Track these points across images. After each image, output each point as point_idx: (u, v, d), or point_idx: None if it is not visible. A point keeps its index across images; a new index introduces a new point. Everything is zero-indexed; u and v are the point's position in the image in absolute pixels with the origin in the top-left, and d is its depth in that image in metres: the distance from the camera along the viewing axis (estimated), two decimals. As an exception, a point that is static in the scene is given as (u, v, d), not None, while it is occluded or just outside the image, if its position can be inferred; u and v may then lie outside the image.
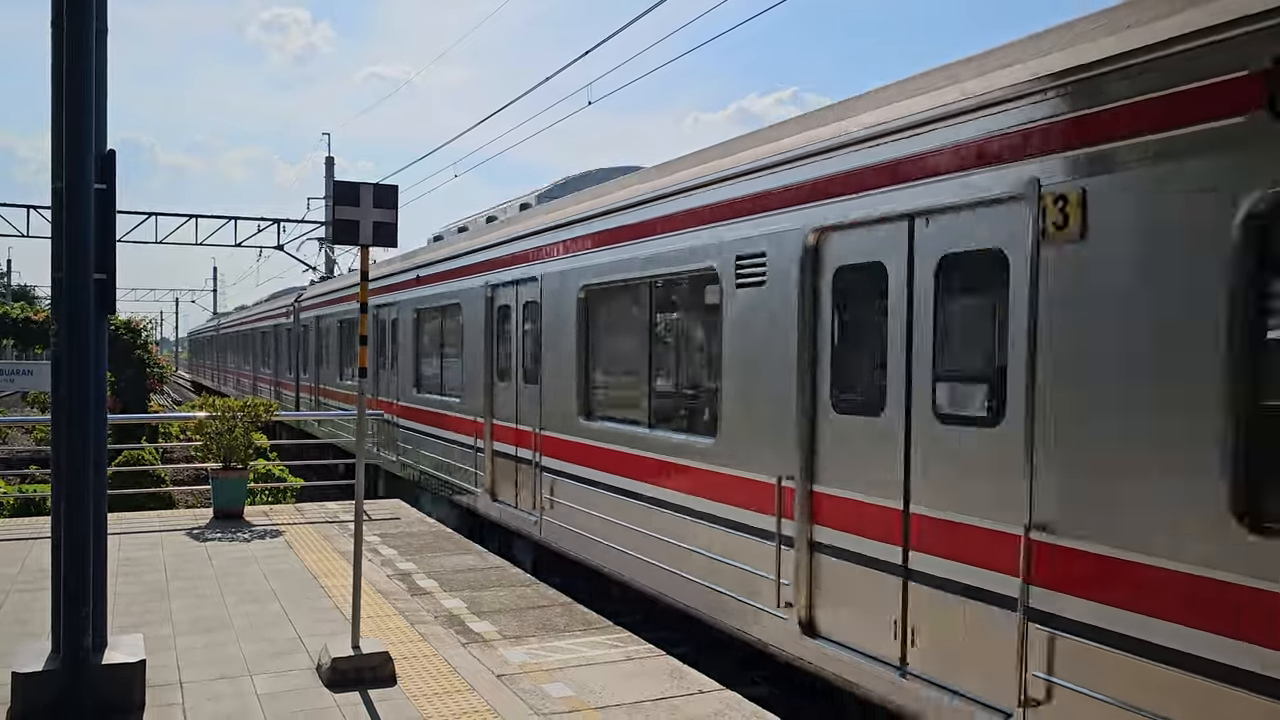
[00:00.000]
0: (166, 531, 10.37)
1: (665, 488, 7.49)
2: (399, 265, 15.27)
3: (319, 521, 11.08)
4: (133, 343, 20.98)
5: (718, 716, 5.37)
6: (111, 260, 5.27)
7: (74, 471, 5.05)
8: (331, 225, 5.21)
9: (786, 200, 6.15)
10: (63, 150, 4.94)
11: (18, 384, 13.58)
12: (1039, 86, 4.51)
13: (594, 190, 9.41)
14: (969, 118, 4.89)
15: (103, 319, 5.29)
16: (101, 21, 5.09)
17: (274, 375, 28.66)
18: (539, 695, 5.64)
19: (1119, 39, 4.21)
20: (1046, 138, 4.49)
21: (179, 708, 5.38)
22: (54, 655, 5.17)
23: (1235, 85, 3.76)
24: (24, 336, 22.02)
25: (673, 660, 6.33)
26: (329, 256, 34.85)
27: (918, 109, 5.23)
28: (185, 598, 7.66)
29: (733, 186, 6.68)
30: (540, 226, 9.93)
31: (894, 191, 5.33)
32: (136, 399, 20.67)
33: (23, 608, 7.26)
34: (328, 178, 37.58)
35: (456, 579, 8.43)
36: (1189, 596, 3.88)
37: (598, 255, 8.63)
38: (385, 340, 15.74)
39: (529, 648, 6.52)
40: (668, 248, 7.46)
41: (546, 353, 9.63)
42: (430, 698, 5.58)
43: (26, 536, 9.90)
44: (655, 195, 7.68)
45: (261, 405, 12.02)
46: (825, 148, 5.85)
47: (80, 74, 4.92)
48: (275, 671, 5.98)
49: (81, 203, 4.97)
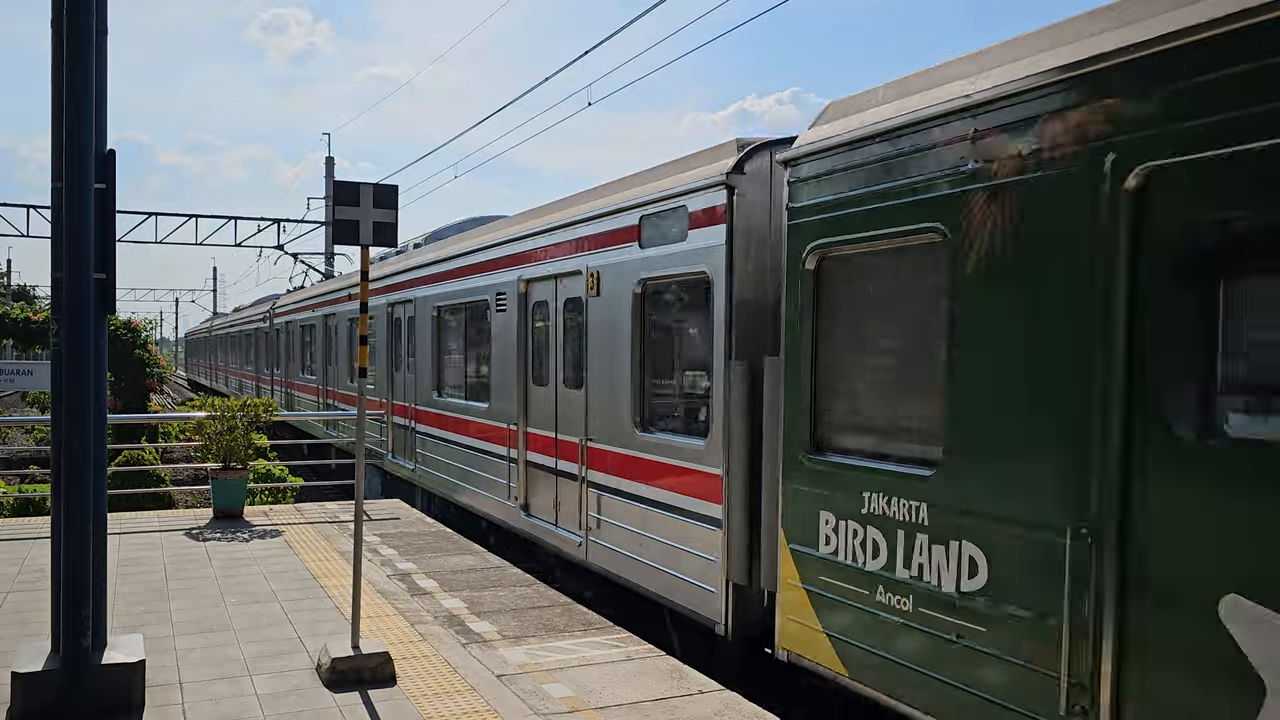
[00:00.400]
0: (166, 532, 10.37)
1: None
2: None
3: (319, 521, 11.08)
4: (133, 342, 20.99)
5: (717, 716, 5.37)
6: (111, 260, 5.27)
7: (74, 471, 5.05)
8: (332, 225, 5.20)
9: (511, 262, 10.53)
10: (63, 150, 4.94)
11: (18, 384, 13.57)
12: (587, 215, 8.73)
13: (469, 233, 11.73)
14: (567, 231, 9.14)
15: (103, 319, 5.29)
16: (101, 22, 5.09)
17: (255, 372, 32.49)
18: (539, 695, 5.64)
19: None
20: (581, 245, 8.84)
21: (178, 708, 5.37)
22: (54, 655, 5.18)
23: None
24: (24, 336, 22.04)
25: (673, 660, 6.33)
26: (328, 257, 34.87)
27: (556, 221, 9.41)
28: (185, 598, 7.66)
29: (491, 251, 11.17)
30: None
31: (548, 263, 9.56)
32: (136, 399, 20.68)
33: (22, 608, 7.26)
34: (328, 178, 37.62)
35: (456, 579, 8.43)
36: (628, 464, 7.96)
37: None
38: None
39: (529, 648, 6.52)
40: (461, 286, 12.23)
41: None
42: (430, 698, 5.58)
43: (26, 536, 9.90)
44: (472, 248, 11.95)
45: (261, 405, 12.01)
46: (526, 232, 10.11)
47: (80, 74, 4.92)
48: (275, 672, 5.98)
49: (81, 202, 4.97)
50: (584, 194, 9.48)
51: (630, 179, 8.53)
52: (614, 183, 8.90)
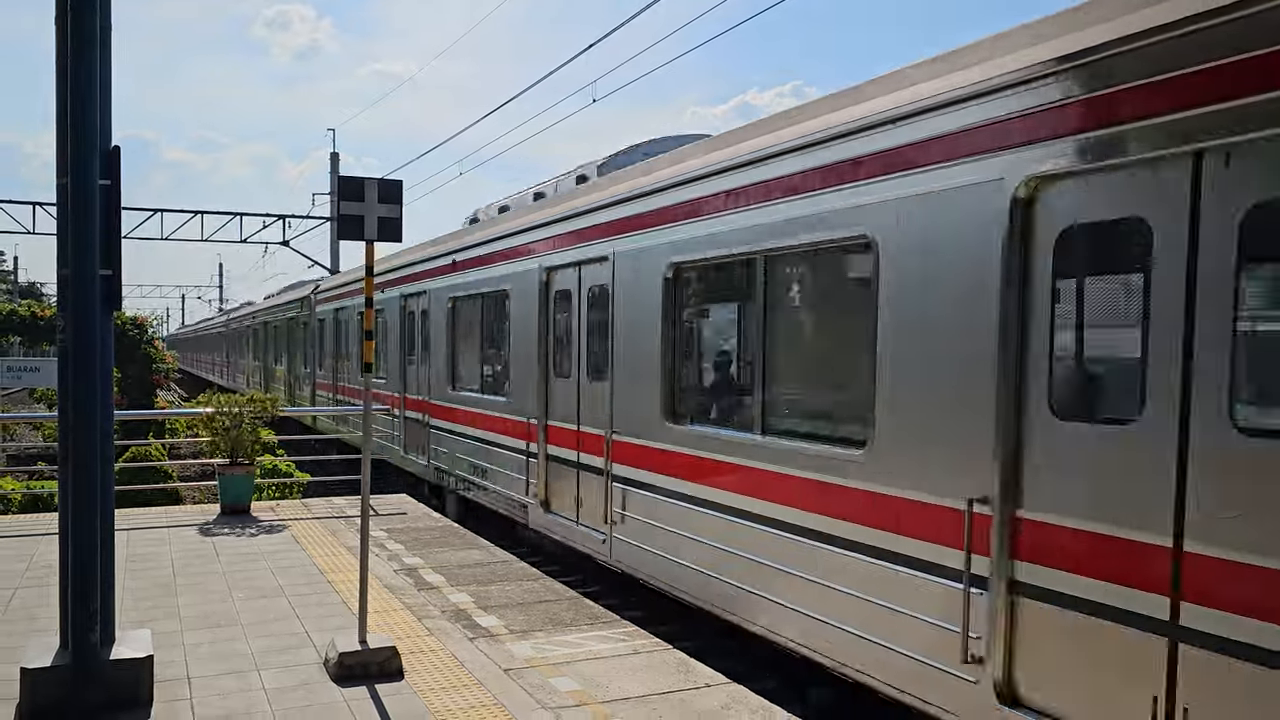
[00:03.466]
0: (174, 527, 10.40)
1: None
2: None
3: (325, 517, 11.10)
4: (139, 339, 21.04)
5: (725, 710, 5.38)
6: (117, 256, 5.26)
7: (81, 467, 5.06)
8: (337, 221, 5.18)
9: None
10: (68, 147, 4.95)
11: (25, 380, 13.66)
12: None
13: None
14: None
15: (109, 315, 5.29)
16: (105, 19, 5.08)
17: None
18: (546, 689, 5.65)
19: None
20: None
21: (186, 703, 5.39)
22: (62, 651, 5.19)
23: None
24: (31, 333, 22.10)
25: (680, 654, 6.33)
26: (333, 252, 34.88)
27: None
28: (192, 593, 7.68)
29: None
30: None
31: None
32: (142, 395, 20.74)
33: (31, 603, 7.29)
34: (333, 173, 37.61)
35: (463, 573, 8.45)
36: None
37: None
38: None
39: (536, 642, 6.53)
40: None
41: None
42: (437, 692, 5.59)
43: (34, 533, 9.94)
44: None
45: (269, 401, 12.03)
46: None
47: (84, 71, 4.92)
48: (282, 666, 6.00)
49: (87, 199, 4.97)
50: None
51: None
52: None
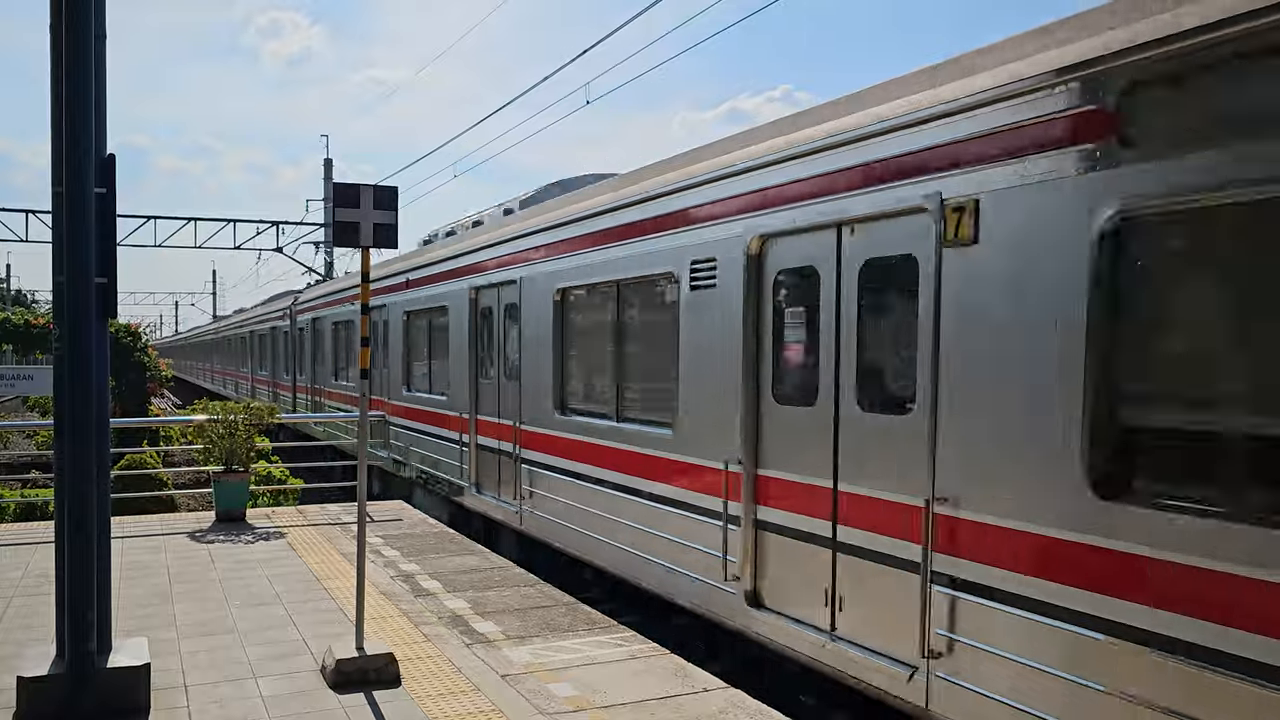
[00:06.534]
0: (169, 535, 10.37)
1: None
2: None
3: (321, 523, 11.08)
4: (133, 346, 20.97)
5: (722, 715, 5.38)
6: (112, 264, 5.26)
7: (77, 475, 5.05)
8: (332, 227, 5.14)
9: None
10: (63, 155, 4.93)
11: (19, 388, 13.62)
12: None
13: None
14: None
15: (104, 323, 5.29)
16: (100, 26, 5.09)
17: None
18: (544, 695, 5.64)
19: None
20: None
21: (184, 711, 5.38)
22: (58, 659, 5.18)
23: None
24: (24, 341, 21.99)
25: (677, 659, 6.33)
26: (327, 259, 34.83)
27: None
28: (189, 601, 7.66)
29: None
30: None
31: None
32: (137, 403, 20.66)
33: (27, 612, 7.27)
34: (327, 179, 37.58)
35: (460, 579, 8.44)
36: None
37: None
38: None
39: (533, 648, 6.53)
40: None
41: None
42: (435, 698, 5.58)
43: (30, 541, 9.91)
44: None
45: (265, 409, 12.01)
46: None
47: (79, 78, 4.91)
48: (279, 674, 5.98)
49: (82, 207, 4.96)
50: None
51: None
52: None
